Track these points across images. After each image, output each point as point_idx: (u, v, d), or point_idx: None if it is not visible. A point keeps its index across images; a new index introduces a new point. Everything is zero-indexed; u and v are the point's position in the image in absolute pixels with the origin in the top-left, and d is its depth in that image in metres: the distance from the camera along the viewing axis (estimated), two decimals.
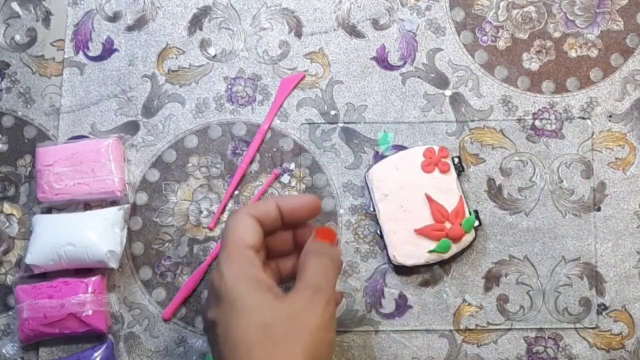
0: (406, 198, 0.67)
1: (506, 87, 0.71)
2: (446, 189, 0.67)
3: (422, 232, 0.66)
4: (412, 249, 0.66)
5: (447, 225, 0.66)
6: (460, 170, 0.68)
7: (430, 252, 0.66)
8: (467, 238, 0.67)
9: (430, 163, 0.67)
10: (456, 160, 0.68)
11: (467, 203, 0.68)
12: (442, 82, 0.71)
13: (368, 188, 0.69)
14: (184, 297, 0.69)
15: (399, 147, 0.70)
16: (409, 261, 0.67)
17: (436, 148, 0.68)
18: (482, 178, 0.69)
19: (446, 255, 0.66)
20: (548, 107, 0.71)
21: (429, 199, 0.67)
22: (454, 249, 0.66)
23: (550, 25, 0.72)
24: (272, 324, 0.53)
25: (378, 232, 0.68)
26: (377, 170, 0.68)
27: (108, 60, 0.73)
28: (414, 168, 0.67)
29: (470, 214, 0.67)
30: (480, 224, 0.68)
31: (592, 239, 0.69)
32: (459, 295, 0.68)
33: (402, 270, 0.69)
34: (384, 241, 0.68)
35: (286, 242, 0.61)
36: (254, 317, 0.53)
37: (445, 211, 0.66)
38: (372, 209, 0.69)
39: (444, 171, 0.67)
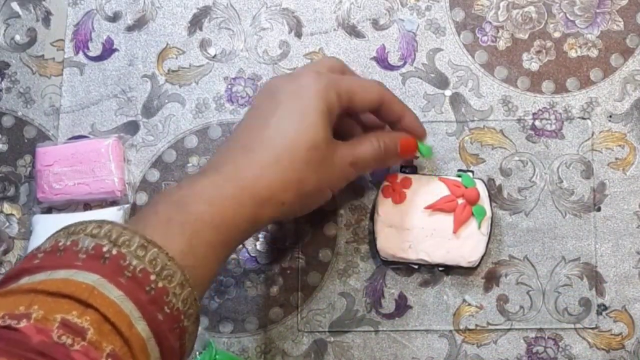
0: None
1: (506, 87, 0.71)
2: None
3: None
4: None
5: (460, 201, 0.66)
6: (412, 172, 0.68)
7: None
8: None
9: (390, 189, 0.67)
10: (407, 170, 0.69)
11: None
12: (442, 82, 0.71)
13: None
14: None
15: None
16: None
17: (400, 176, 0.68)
18: (482, 178, 0.69)
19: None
20: (548, 107, 0.71)
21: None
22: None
23: (550, 26, 0.72)
24: (317, 149, 0.58)
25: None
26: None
27: (108, 60, 0.73)
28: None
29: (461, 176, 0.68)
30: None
31: (592, 239, 0.69)
32: (459, 295, 0.68)
33: (402, 270, 0.69)
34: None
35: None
36: (312, 131, 0.58)
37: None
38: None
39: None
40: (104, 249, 0.49)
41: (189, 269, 0.51)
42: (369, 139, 0.63)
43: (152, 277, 0.49)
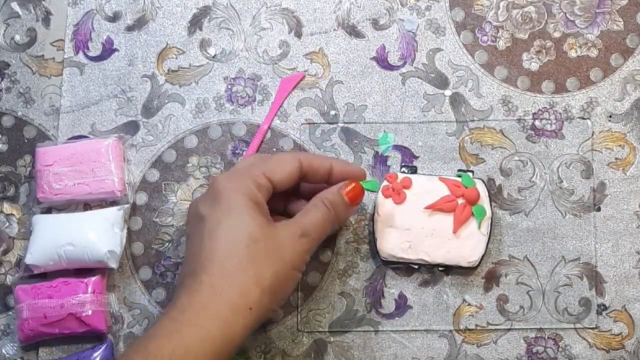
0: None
1: (506, 87, 0.71)
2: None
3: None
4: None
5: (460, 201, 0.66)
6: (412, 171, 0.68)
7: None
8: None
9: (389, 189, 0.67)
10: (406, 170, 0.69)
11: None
12: (442, 82, 0.71)
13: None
14: None
15: (399, 148, 0.70)
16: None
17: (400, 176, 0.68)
18: (482, 178, 0.69)
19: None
20: (548, 107, 0.71)
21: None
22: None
23: (550, 26, 0.72)
24: (257, 241, 0.58)
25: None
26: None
27: (108, 60, 0.73)
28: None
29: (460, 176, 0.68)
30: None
31: (592, 239, 0.69)
32: (458, 295, 0.68)
33: (402, 270, 0.69)
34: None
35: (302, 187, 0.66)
36: (244, 228, 0.58)
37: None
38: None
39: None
40: None
41: None
42: (313, 205, 0.62)
43: None
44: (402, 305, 0.68)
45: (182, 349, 0.55)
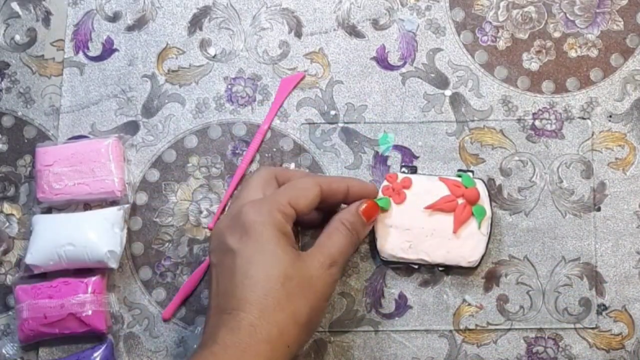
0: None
1: (506, 87, 0.71)
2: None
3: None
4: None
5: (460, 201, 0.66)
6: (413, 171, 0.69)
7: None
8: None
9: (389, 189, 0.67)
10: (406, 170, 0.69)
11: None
12: (442, 82, 0.71)
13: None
14: (183, 297, 0.69)
15: (399, 148, 0.70)
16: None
17: (400, 176, 0.68)
18: (482, 178, 0.69)
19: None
20: (548, 107, 0.71)
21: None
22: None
23: (550, 25, 0.72)
24: (291, 278, 0.58)
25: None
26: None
27: (108, 60, 0.73)
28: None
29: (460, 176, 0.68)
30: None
31: (592, 239, 0.69)
32: (458, 295, 0.68)
33: (402, 270, 0.69)
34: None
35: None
36: (278, 265, 0.58)
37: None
38: None
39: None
40: None
41: None
42: (335, 229, 0.62)
43: None
44: (402, 305, 0.68)
45: None
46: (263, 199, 0.61)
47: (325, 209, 0.66)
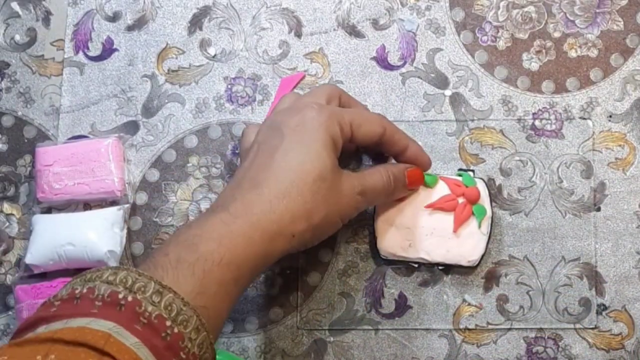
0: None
1: (506, 87, 0.71)
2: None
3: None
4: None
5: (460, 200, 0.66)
6: None
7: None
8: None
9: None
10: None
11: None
12: (442, 82, 0.72)
13: None
14: None
15: None
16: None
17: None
18: (483, 178, 0.69)
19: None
20: (548, 107, 0.71)
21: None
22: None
23: (550, 25, 0.72)
24: (324, 180, 0.59)
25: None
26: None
27: (108, 60, 0.73)
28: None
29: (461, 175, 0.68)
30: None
31: (592, 239, 0.69)
32: (458, 295, 0.68)
33: (402, 269, 0.69)
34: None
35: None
36: (318, 163, 0.59)
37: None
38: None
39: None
40: (120, 296, 0.50)
41: (201, 310, 0.52)
42: (378, 171, 0.63)
43: (168, 323, 0.50)
44: (402, 305, 0.68)
45: (229, 258, 0.55)
46: (328, 107, 0.62)
47: (368, 154, 0.67)
